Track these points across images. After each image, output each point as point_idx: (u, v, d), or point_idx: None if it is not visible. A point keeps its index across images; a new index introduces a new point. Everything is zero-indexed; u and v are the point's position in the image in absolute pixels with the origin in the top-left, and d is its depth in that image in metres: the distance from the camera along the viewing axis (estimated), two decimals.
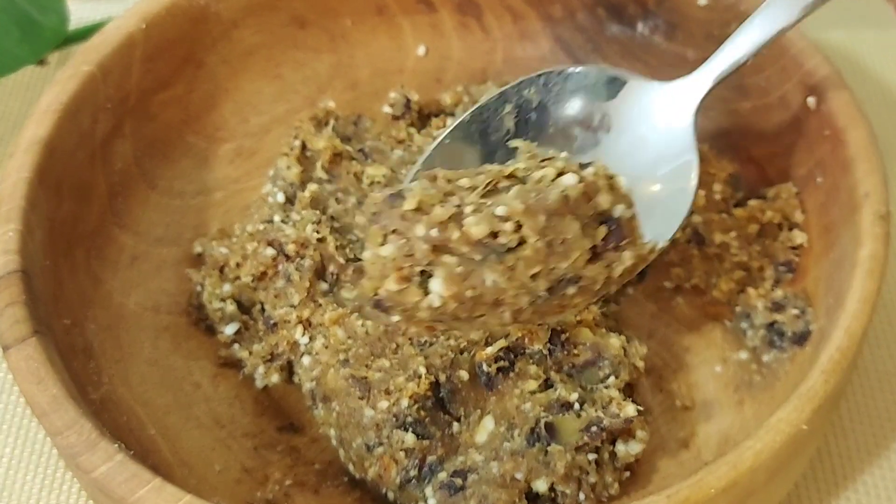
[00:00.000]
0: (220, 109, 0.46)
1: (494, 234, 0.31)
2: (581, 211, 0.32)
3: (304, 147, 0.44)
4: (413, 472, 0.35)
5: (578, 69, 0.38)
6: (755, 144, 0.44)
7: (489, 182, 0.32)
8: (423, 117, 0.47)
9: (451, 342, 0.37)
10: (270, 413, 0.40)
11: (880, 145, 0.39)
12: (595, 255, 0.32)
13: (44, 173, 0.38)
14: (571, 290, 0.32)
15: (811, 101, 0.41)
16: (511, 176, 0.33)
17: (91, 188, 0.41)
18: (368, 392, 0.36)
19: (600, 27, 0.47)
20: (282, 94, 0.48)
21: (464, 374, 0.36)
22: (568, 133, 0.39)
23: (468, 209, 0.31)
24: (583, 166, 0.33)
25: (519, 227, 0.31)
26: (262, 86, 0.48)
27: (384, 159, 0.44)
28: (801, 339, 0.39)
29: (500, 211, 0.31)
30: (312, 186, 0.42)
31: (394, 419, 0.36)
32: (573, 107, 0.38)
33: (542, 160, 0.33)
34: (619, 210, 0.33)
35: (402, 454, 0.35)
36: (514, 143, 0.35)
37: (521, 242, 0.31)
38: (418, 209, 0.31)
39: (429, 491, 0.35)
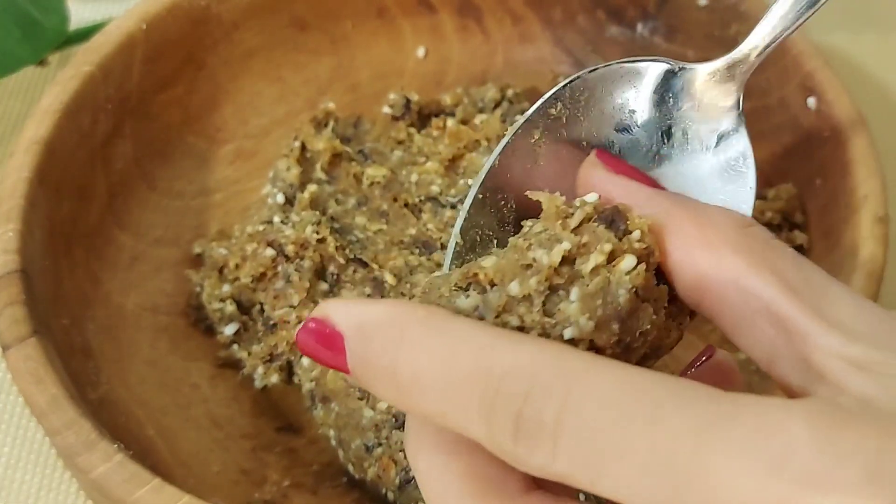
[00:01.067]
0: (221, 111, 0.46)
1: None
2: (649, 291, 0.27)
3: (303, 148, 0.44)
4: (412, 473, 0.35)
5: (604, 65, 0.33)
6: (755, 145, 0.44)
7: (544, 289, 0.26)
8: (422, 118, 0.46)
9: None
10: (269, 414, 0.40)
11: (880, 148, 0.39)
12: (667, 318, 0.28)
13: (44, 173, 0.38)
14: (650, 362, 0.29)
15: (811, 102, 0.41)
16: (563, 261, 0.27)
17: (91, 188, 0.41)
18: (368, 393, 0.36)
19: (600, 29, 0.47)
20: (282, 96, 0.48)
21: None
22: (607, 142, 0.33)
23: (533, 335, 0.26)
24: (618, 228, 0.27)
25: (592, 341, 0.26)
26: (263, 87, 0.48)
27: (384, 160, 0.44)
28: None
29: (568, 334, 0.26)
30: (312, 187, 0.42)
31: (393, 420, 0.36)
32: (607, 111, 0.33)
33: (575, 227, 0.27)
34: None
35: (401, 455, 0.35)
36: (526, 223, 0.29)
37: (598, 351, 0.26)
38: None
39: None
